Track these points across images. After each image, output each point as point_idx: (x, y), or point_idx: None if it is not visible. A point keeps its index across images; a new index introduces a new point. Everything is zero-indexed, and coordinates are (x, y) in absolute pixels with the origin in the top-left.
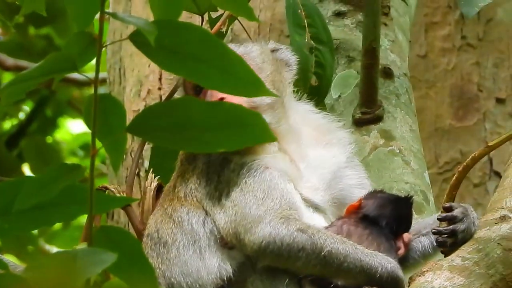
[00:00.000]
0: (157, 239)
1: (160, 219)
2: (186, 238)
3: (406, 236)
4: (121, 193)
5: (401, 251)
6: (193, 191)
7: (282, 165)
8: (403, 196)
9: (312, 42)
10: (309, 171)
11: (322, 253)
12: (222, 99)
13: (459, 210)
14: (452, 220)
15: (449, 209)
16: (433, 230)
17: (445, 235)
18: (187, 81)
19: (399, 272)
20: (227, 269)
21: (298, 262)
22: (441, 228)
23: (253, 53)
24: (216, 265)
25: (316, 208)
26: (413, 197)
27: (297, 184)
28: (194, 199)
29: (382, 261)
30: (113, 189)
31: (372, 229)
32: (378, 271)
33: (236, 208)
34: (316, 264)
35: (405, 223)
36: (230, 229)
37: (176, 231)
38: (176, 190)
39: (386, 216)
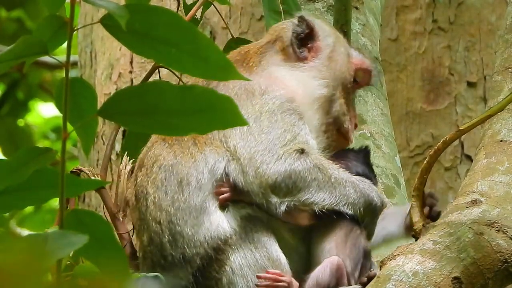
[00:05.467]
0: (173, 173)
1: (180, 153)
2: (199, 182)
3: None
4: (95, 176)
5: None
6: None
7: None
8: (361, 149)
9: None
10: None
11: (336, 188)
12: None
13: None
14: None
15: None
16: None
17: None
18: None
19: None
20: (226, 229)
21: (311, 194)
22: None
23: None
24: (216, 223)
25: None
26: (368, 147)
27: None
28: (218, 142)
29: (376, 195)
30: (87, 172)
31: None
32: (374, 204)
33: (256, 140)
34: (326, 190)
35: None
36: (246, 161)
37: (193, 172)
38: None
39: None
